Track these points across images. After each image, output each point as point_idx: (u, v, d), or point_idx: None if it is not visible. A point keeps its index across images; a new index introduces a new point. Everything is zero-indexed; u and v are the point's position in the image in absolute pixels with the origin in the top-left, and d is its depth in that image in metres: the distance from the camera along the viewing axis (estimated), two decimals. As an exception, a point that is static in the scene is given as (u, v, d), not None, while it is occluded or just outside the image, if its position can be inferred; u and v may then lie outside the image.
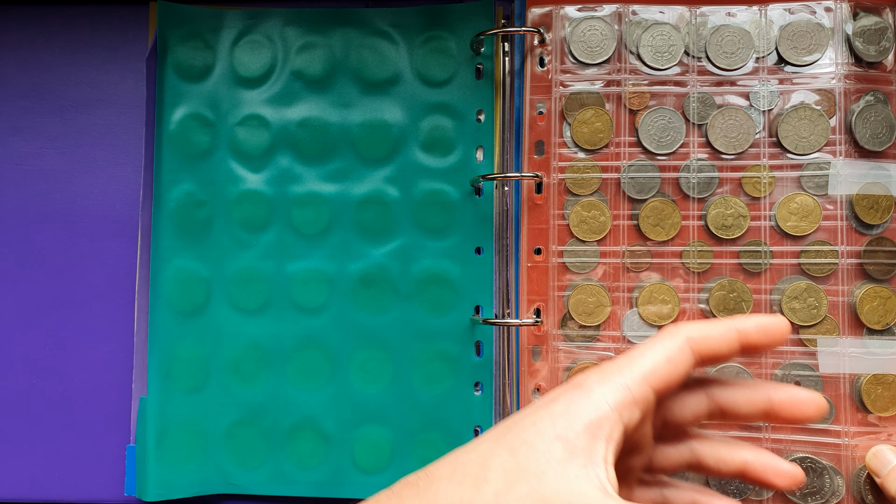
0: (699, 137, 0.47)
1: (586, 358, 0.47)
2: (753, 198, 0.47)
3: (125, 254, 0.51)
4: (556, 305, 0.48)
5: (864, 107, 0.46)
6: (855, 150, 0.46)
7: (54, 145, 0.52)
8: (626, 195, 0.47)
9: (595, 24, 0.47)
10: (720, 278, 0.46)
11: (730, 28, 0.47)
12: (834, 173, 0.46)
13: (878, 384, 0.45)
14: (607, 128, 0.47)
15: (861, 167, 0.46)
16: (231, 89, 0.50)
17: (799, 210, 0.46)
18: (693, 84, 0.47)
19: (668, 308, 0.46)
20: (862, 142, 0.46)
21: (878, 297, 0.45)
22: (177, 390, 0.48)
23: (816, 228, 0.46)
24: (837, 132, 0.46)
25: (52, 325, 0.51)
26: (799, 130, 0.46)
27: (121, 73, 0.52)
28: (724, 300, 0.46)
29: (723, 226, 0.46)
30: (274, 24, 0.50)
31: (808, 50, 0.47)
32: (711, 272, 0.47)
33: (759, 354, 0.33)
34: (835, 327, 0.46)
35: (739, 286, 0.46)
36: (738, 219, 0.46)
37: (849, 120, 0.46)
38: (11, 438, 0.50)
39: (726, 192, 0.47)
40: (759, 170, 0.47)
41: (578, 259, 0.47)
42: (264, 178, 0.49)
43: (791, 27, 0.47)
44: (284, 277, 0.49)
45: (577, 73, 0.48)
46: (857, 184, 0.46)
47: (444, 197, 0.49)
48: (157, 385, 0.48)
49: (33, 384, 0.51)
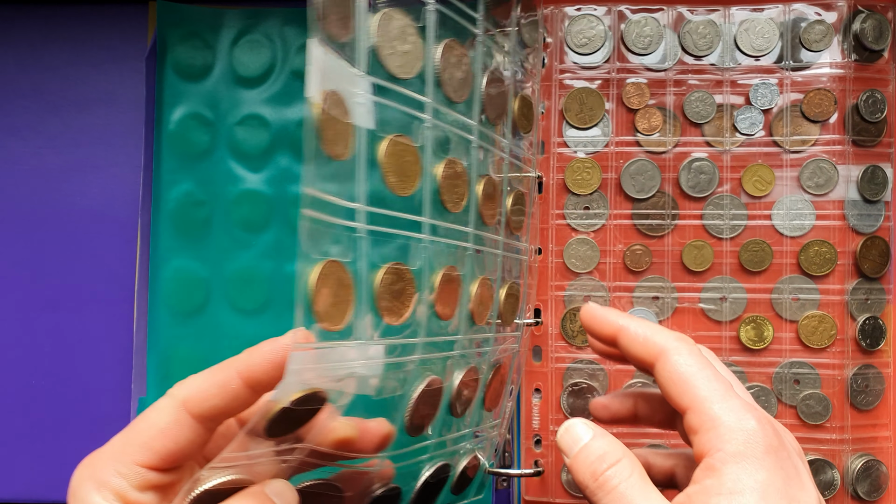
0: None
1: (586, 357, 0.47)
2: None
3: (124, 254, 0.51)
4: (555, 305, 0.48)
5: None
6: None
7: (53, 145, 0.52)
8: (625, 194, 0.47)
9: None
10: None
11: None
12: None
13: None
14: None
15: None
16: (230, 89, 0.50)
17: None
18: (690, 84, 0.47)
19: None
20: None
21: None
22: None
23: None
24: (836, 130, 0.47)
25: (52, 325, 0.51)
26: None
27: (120, 72, 0.52)
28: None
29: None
30: (273, 24, 0.50)
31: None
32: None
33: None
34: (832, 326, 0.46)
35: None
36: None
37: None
38: (11, 438, 0.50)
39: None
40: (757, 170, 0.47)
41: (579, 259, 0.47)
42: (264, 177, 0.49)
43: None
44: (284, 277, 0.49)
45: (576, 72, 0.48)
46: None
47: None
48: (157, 385, 0.48)
49: (33, 384, 0.51)
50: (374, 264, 0.31)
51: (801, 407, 0.46)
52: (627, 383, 0.47)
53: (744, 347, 0.47)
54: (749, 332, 0.46)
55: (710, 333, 0.47)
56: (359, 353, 0.30)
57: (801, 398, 0.46)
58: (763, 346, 0.46)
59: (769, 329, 0.46)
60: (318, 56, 0.28)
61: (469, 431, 0.40)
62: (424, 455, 0.37)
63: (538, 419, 0.48)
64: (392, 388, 0.33)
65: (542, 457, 0.47)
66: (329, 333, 0.28)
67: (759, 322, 0.46)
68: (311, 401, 0.27)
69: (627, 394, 0.37)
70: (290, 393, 0.26)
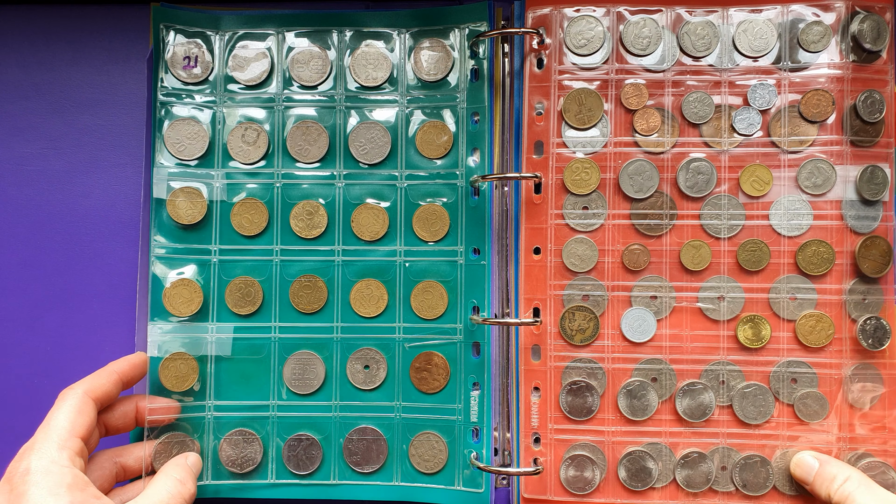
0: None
1: (585, 356, 0.48)
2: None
3: (126, 254, 0.51)
4: (554, 305, 0.48)
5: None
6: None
7: (56, 146, 0.52)
8: (624, 194, 0.48)
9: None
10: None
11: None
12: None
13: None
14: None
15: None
16: (229, 91, 0.50)
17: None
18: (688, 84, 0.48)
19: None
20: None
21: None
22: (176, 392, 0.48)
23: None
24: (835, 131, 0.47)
25: (52, 325, 0.51)
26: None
27: (122, 73, 0.52)
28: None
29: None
30: (271, 26, 0.50)
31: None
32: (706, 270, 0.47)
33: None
34: (830, 325, 0.46)
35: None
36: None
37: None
38: (12, 438, 0.50)
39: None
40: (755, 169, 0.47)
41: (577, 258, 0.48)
42: (262, 179, 0.50)
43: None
44: (284, 278, 0.49)
45: (575, 73, 0.48)
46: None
47: (440, 198, 0.49)
48: (157, 386, 0.48)
49: (33, 384, 0.51)
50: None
51: (798, 406, 0.46)
52: (626, 382, 0.47)
53: (741, 346, 0.47)
54: (747, 331, 0.47)
55: (708, 332, 0.47)
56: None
57: (798, 397, 0.46)
58: (760, 346, 0.47)
59: (767, 328, 0.46)
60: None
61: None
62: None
63: (537, 418, 0.48)
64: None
65: (541, 455, 0.48)
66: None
67: (757, 321, 0.47)
68: None
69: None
70: None
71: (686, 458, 0.47)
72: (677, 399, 0.47)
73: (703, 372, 0.47)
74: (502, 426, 0.49)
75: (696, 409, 0.47)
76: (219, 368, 0.49)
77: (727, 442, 0.47)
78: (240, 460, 0.48)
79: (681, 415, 0.47)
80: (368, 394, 0.49)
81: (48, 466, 0.39)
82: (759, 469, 0.46)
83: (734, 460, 0.47)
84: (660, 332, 0.47)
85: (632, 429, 0.47)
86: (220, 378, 0.49)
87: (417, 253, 0.49)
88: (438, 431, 0.49)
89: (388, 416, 0.49)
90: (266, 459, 0.49)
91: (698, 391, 0.47)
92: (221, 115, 0.50)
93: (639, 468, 0.47)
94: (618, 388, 0.47)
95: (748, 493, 0.46)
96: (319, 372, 0.49)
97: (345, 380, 0.49)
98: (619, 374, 0.47)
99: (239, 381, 0.49)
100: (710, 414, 0.47)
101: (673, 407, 0.47)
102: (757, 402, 0.46)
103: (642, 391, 0.47)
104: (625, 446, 0.47)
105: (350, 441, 0.49)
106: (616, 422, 0.47)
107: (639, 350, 0.47)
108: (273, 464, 0.49)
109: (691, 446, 0.47)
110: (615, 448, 0.47)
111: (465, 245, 0.49)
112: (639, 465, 0.47)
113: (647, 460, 0.47)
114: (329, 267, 0.49)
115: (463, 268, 0.49)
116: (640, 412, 0.47)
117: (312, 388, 0.49)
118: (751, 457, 0.46)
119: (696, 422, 0.47)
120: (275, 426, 0.49)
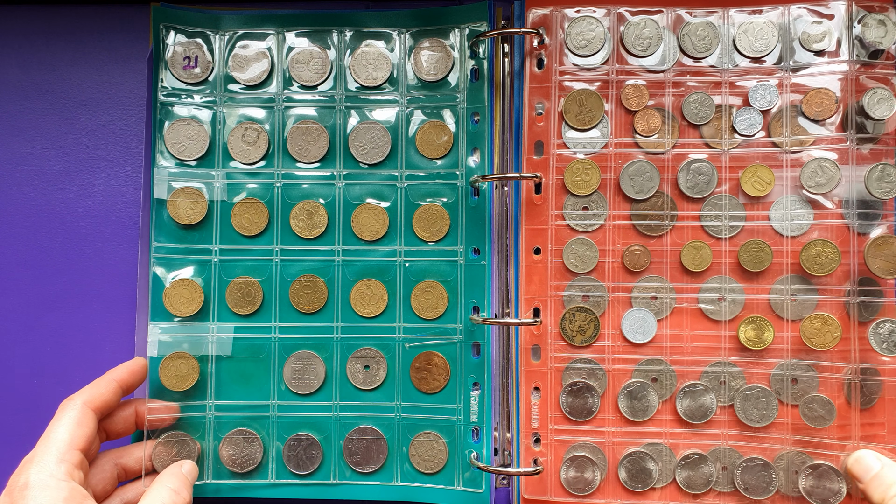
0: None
1: (585, 356, 0.48)
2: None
3: (126, 254, 0.51)
4: (554, 305, 0.48)
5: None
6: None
7: (56, 146, 0.52)
8: (624, 195, 0.48)
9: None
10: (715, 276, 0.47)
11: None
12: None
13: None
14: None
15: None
16: (229, 91, 0.50)
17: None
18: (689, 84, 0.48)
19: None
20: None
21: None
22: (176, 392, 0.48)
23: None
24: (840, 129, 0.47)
25: (52, 325, 0.51)
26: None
27: (122, 73, 0.52)
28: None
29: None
30: (271, 26, 0.50)
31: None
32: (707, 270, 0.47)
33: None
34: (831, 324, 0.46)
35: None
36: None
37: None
38: (12, 438, 0.50)
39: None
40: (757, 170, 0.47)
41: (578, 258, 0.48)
42: (263, 179, 0.50)
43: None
44: (284, 278, 0.49)
45: (575, 73, 0.48)
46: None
47: (440, 198, 0.49)
48: (157, 386, 0.48)
49: (33, 384, 0.51)
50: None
51: (803, 409, 0.46)
52: (626, 382, 0.47)
53: (742, 347, 0.47)
54: (749, 332, 0.46)
55: (709, 333, 0.47)
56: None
57: (804, 401, 0.46)
58: (762, 347, 0.46)
59: (770, 331, 0.46)
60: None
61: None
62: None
63: (537, 418, 0.48)
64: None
65: (541, 455, 0.48)
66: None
67: (760, 323, 0.46)
68: None
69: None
70: None
71: (686, 459, 0.47)
72: (678, 400, 0.47)
73: (703, 373, 0.47)
74: (502, 426, 0.49)
75: (696, 410, 0.47)
76: (219, 368, 0.49)
77: (728, 444, 0.47)
78: (240, 460, 0.48)
79: (681, 416, 0.47)
80: (368, 394, 0.49)
81: (46, 480, 0.40)
82: (760, 472, 0.46)
83: (735, 462, 0.46)
84: (660, 333, 0.47)
85: (632, 429, 0.47)
86: (220, 378, 0.49)
87: (417, 253, 0.49)
88: (438, 431, 0.49)
89: (388, 416, 0.49)
90: (266, 459, 0.49)
91: (699, 392, 0.47)
92: (221, 115, 0.50)
93: (639, 469, 0.47)
94: (618, 389, 0.47)
95: (750, 496, 0.46)
96: (319, 372, 0.49)
97: (345, 380, 0.49)
98: (620, 375, 0.47)
99: (239, 381, 0.49)
100: (711, 415, 0.47)
101: (673, 408, 0.47)
102: (759, 405, 0.46)
103: (643, 392, 0.47)
104: (625, 447, 0.47)
105: (350, 441, 0.49)
106: (616, 422, 0.47)
107: (639, 351, 0.47)
108: (273, 463, 0.49)
109: (692, 447, 0.47)
110: (615, 449, 0.47)
111: (465, 245, 0.49)
112: (639, 466, 0.47)
113: (647, 461, 0.47)
114: (329, 267, 0.49)
115: (463, 268, 0.49)
116: (641, 413, 0.47)
117: (312, 388, 0.49)
118: (753, 459, 0.46)
119: (697, 423, 0.47)
120: (275, 426, 0.49)
